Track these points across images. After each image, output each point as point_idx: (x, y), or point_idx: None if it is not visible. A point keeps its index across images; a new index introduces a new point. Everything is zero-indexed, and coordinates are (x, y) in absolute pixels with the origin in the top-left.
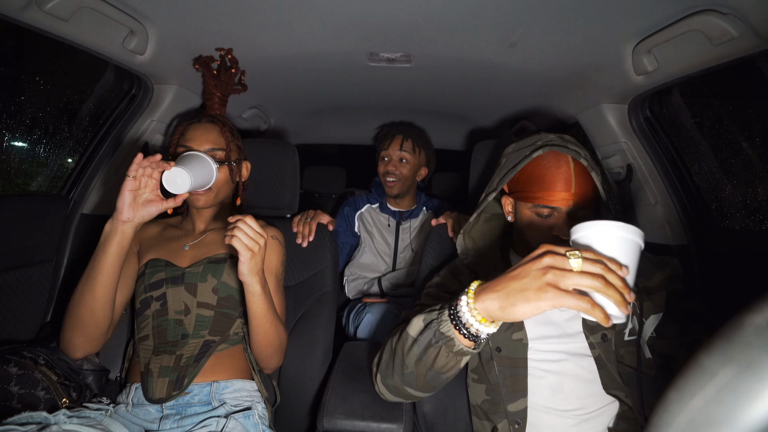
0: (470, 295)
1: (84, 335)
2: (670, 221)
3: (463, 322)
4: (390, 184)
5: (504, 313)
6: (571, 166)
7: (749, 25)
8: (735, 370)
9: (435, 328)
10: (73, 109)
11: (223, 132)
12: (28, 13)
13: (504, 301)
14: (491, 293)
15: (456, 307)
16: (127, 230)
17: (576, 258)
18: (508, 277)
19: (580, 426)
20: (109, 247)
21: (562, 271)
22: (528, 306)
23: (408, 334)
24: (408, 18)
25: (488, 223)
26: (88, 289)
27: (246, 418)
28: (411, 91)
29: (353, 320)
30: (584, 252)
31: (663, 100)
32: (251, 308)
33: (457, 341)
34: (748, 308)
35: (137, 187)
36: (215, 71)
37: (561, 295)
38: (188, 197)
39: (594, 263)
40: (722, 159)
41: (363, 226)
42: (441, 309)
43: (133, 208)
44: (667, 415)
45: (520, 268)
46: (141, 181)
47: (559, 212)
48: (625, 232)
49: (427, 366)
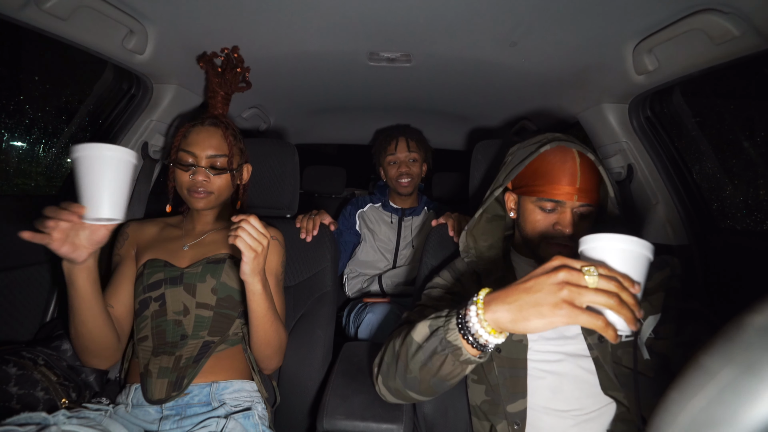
0: (480, 305)
1: (97, 356)
2: (671, 221)
3: (472, 332)
4: (405, 184)
5: (515, 326)
6: (577, 161)
7: (750, 25)
8: (736, 370)
9: (441, 335)
10: (72, 109)
11: (226, 136)
12: (27, 13)
13: (516, 314)
14: (502, 305)
15: (464, 316)
16: (88, 263)
17: (592, 275)
18: (520, 289)
19: (580, 426)
20: (78, 283)
21: (578, 287)
22: (541, 321)
23: (412, 339)
24: (408, 17)
25: (490, 224)
26: (79, 323)
27: (246, 419)
28: (411, 90)
29: (354, 320)
30: (599, 267)
31: (664, 99)
32: (252, 308)
33: (465, 350)
34: (750, 309)
35: (64, 237)
36: (220, 68)
37: (576, 313)
38: (188, 199)
39: (609, 280)
40: (723, 159)
41: (364, 223)
42: (448, 316)
43: (77, 249)
44: (668, 415)
45: (534, 280)
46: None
47: (562, 207)
48: (641, 248)
49: (432, 372)
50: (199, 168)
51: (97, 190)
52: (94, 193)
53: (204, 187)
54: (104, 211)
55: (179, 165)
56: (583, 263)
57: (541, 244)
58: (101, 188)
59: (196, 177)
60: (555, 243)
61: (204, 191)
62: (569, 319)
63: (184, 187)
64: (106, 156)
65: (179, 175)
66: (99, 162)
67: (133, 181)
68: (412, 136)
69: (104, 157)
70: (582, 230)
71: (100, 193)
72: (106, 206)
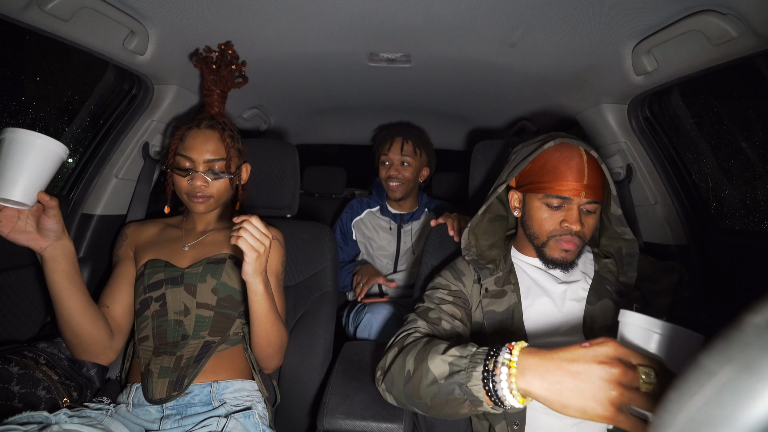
0: (513, 370)
1: (85, 351)
2: (670, 221)
3: (499, 395)
4: (393, 188)
5: (548, 404)
6: (584, 158)
7: (749, 26)
8: (735, 369)
9: (463, 382)
10: (74, 109)
11: (223, 138)
12: (29, 14)
13: (554, 396)
14: (540, 381)
15: (493, 374)
16: (54, 254)
17: (648, 383)
18: (564, 370)
19: (579, 426)
20: (49, 276)
21: (630, 392)
22: (579, 414)
23: (429, 370)
24: (408, 18)
25: (492, 224)
26: (59, 317)
27: (246, 418)
28: (411, 91)
29: (353, 320)
30: (656, 365)
31: (663, 100)
32: (254, 308)
33: (485, 404)
34: (748, 308)
35: (11, 224)
36: (214, 65)
37: (620, 419)
38: (188, 203)
39: (664, 386)
40: (722, 159)
41: (361, 233)
42: (473, 361)
43: (31, 238)
44: (667, 415)
45: (582, 365)
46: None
47: (569, 203)
48: (697, 345)
49: (445, 408)
50: (197, 173)
51: (14, 171)
52: (9, 174)
53: (203, 192)
54: (16, 193)
55: (177, 170)
56: (640, 360)
57: (549, 242)
58: (19, 171)
59: (194, 182)
60: (562, 241)
61: (203, 196)
62: (611, 421)
63: (183, 192)
64: (36, 143)
65: (178, 180)
66: (25, 147)
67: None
68: (409, 137)
69: (33, 143)
70: (588, 227)
71: (16, 175)
72: (18, 189)
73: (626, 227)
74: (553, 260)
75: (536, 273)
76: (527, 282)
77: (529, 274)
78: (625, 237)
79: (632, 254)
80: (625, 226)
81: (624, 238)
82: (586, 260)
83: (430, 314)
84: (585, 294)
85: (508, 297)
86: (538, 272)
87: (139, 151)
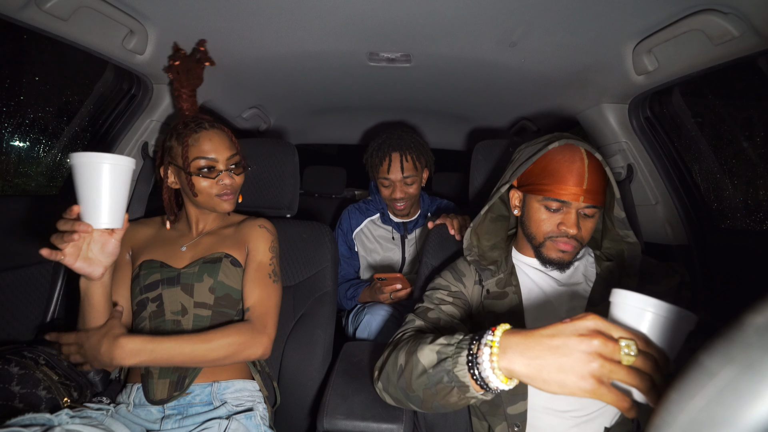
0: (494, 348)
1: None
2: (671, 221)
3: (482, 375)
4: (400, 208)
5: (530, 383)
6: (585, 162)
7: (750, 25)
8: (736, 370)
9: (449, 368)
10: (73, 109)
11: (230, 135)
12: (28, 13)
13: (535, 372)
14: (521, 357)
15: (476, 357)
16: (104, 280)
17: (630, 355)
18: (545, 345)
19: (580, 427)
20: (94, 299)
21: (611, 363)
22: (560, 389)
23: (418, 361)
24: (408, 18)
25: (494, 224)
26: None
27: (248, 419)
28: (411, 90)
29: (352, 321)
30: (639, 341)
31: (663, 99)
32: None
33: (472, 389)
34: (749, 308)
35: (77, 251)
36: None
37: (602, 391)
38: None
39: (646, 360)
40: (723, 159)
41: (362, 245)
42: (458, 347)
43: (92, 264)
44: (668, 415)
45: (562, 339)
46: (74, 249)
47: (568, 207)
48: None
49: (436, 398)
50: (224, 172)
51: (95, 199)
52: (92, 202)
53: (231, 189)
54: (103, 221)
55: (204, 175)
56: (621, 332)
57: (545, 243)
58: (99, 197)
59: (223, 181)
60: (559, 242)
61: (232, 192)
62: (593, 395)
63: (213, 194)
64: (105, 165)
65: (204, 182)
66: (97, 171)
67: (131, 186)
68: (407, 150)
69: (102, 166)
70: (586, 231)
71: (98, 202)
72: (105, 216)
73: (629, 230)
74: (550, 260)
75: (537, 275)
76: (528, 284)
77: (530, 276)
78: (628, 240)
79: (635, 257)
80: (628, 229)
81: (627, 241)
82: (587, 263)
83: (430, 314)
84: (587, 296)
85: (509, 299)
86: (539, 274)
87: (138, 151)
